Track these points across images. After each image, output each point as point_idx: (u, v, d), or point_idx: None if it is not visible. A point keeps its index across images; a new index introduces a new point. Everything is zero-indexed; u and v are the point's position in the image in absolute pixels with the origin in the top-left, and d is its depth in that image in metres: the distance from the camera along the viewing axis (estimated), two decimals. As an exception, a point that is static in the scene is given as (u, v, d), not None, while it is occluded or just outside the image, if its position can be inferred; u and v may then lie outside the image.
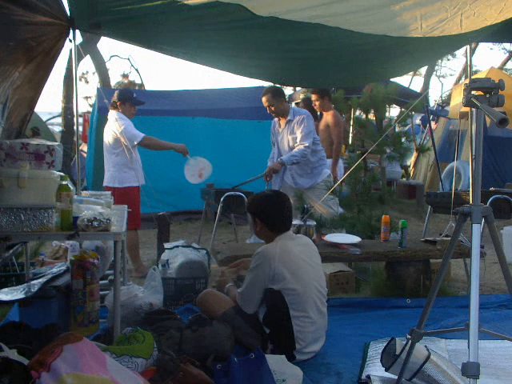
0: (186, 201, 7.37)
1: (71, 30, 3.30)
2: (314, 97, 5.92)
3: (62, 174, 2.73)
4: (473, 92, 2.10)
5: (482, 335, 2.08)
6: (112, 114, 4.85)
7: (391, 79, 7.68)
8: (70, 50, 3.81)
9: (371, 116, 7.19)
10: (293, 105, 9.12)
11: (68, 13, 3.16)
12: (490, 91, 2.06)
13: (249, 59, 3.74)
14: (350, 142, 7.82)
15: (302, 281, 2.95)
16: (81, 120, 10.82)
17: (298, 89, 11.07)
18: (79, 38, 9.92)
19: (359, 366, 2.91)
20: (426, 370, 2.49)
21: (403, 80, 46.18)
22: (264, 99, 4.91)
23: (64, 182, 2.62)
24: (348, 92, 7.30)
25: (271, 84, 5.30)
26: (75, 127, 4.81)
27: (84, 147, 9.30)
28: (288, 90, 11.67)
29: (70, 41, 3.41)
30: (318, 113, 6.47)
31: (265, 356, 2.56)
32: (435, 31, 3.10)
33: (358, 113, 7.62)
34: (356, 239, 4.30)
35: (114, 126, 4.74)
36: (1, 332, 2.67)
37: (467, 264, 4.53)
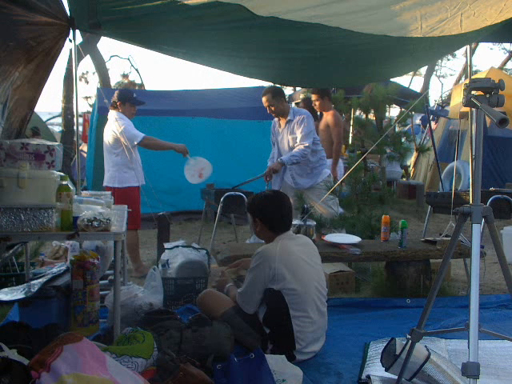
0: (186, 201, 7.38)
1: (71, 30, 3.30)
2: (314, 97, 5.91)
3: (62, 174, 2.74)
4: (473, 92, 2.10)
5: (482, 335, 2.09)
6: (112, 114, 4.85)
7: (391, 79, 7.68)
8: (70, 50, 3.81)
9: (371, 116, 7.20)
10: (293, 105, 9.12)
11: (68, 13, 3.16)
12: (490, 91, 2.06)
13: (249, 59, 3.74)
14: (350, 142, 7.81)
15: (302, 281, 2.95)
16: (81, 120, 10.83)
17: (298, 89, 11.09)
18: (79, 38, 9.94)
19: (359, 366, 2.91)
20: (425, 370, 2.49)
21: (403, 80, 46.39)
22: (264, 99, 4.91)
23: (64, 182, 2.62)
24: (348, 92, 7.31)
25: (271, 84, 5.30)
26: (75, 127, 4.81)
27: (84, 147, 9.30)
28: (288, 90, 11.71)
29: (70, 41, 3.41)
30: (318, 113, 6.47)
31: (265, 356, 2.55)
32: (435, 31, 3.10)
33: (358, 113, 7.64)
34: (356, 239, 4.30)
35: (114, 125, 4.74)
36: (1, 332, 2.68)
37: (467, 264, 4.52)
